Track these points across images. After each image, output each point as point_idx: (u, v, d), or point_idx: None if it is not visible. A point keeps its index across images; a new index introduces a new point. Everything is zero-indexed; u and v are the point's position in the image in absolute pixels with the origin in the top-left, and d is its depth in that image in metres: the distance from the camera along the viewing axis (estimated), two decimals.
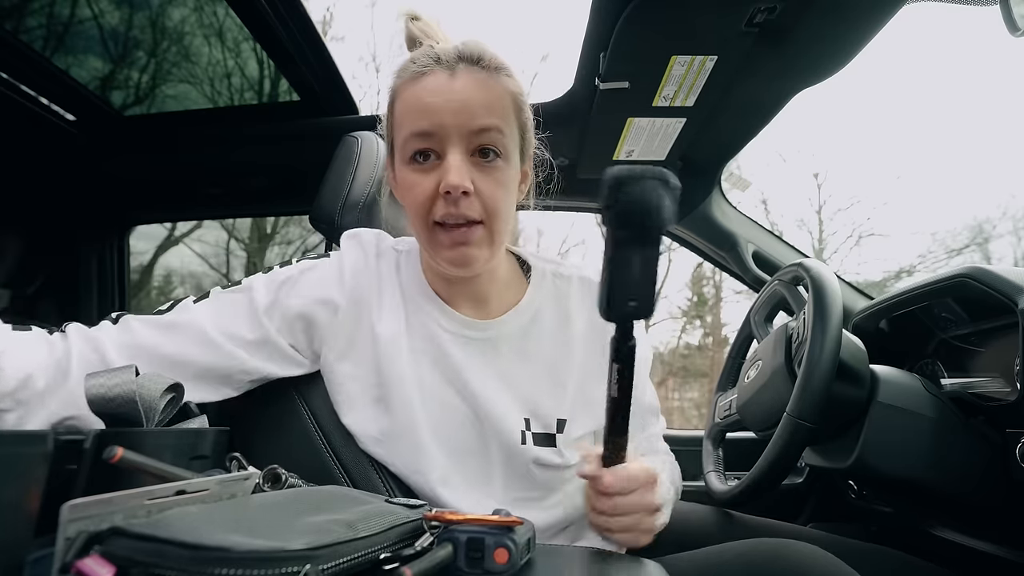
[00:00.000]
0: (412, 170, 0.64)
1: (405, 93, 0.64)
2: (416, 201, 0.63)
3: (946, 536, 0.86)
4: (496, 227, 0.64)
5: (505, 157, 0.64)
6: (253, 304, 0.67)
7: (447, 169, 0.61)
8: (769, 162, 6.33)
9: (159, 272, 4.51)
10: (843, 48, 0.87)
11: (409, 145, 0.63)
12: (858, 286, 1.25)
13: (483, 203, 0.63)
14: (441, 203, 0.62)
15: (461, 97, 0.61)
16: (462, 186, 0.60)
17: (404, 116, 0.64)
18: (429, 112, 0.61)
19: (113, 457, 0.36)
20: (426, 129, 0.61)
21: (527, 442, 0.69)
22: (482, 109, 0.62)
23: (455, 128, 0.61)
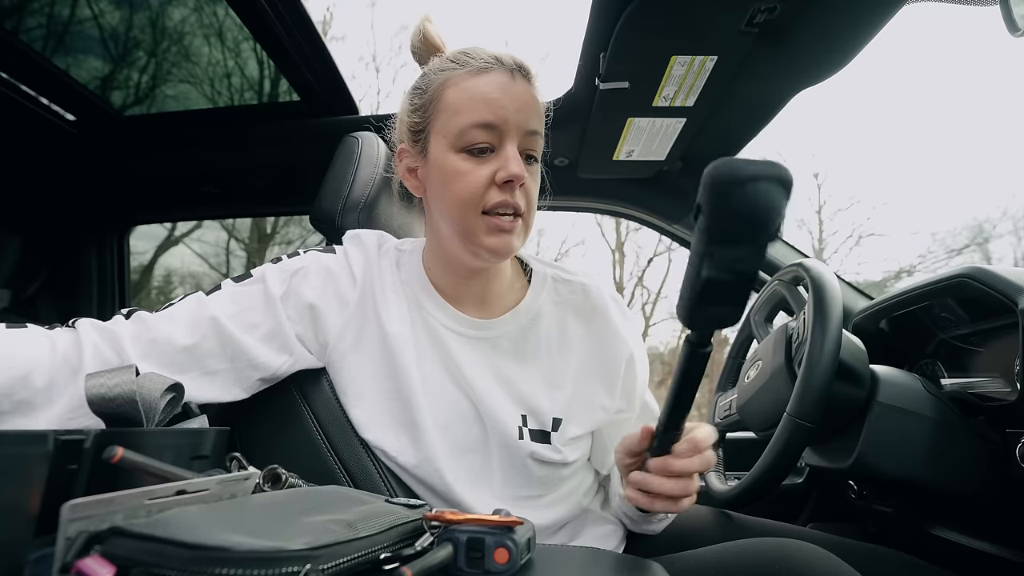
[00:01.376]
0: (464, 159, 0.65)
1: (464, 84, 0.66)
2: (468, 188, 0.65)
3: (946, 536, 0.85)
4: (530, 222, 0.69)
5: (538, 163, 0.69)
6: (268, 293, 0.67)
7: (508, 159, 0.64)
8: None
9: (159, 272, 4.51)
10: (843, 48, 0.87)
11: (468, 135, 0.64)
12: (858, 286, 1.25)
13: (527, 197, 0.67)
14: (495, 192, 0.64)
15: (523, 98, 0.65)
16: (523, 175, 0.64)
17: (465, 106, 0.65)
18: (495, 106, 0.64)
19: (113, 457, 0.36)
20: (491, 121, 0.64)
21: (524, 437, 0.69)
22: (535, 114, 0.67)
23: (515, 125, 0.65)
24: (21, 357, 0.54)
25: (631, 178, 1.28)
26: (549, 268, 0.78)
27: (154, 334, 0.62)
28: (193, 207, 1.58)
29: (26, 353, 0.55)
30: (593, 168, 1.24)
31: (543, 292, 0.76)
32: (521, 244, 0.69)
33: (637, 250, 7.52)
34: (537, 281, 0.76)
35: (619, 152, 1.15)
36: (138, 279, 4.20)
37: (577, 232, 7.68)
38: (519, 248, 0.69)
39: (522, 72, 0.67)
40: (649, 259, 7.22)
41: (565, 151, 1.23)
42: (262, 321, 0.67)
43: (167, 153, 1.34)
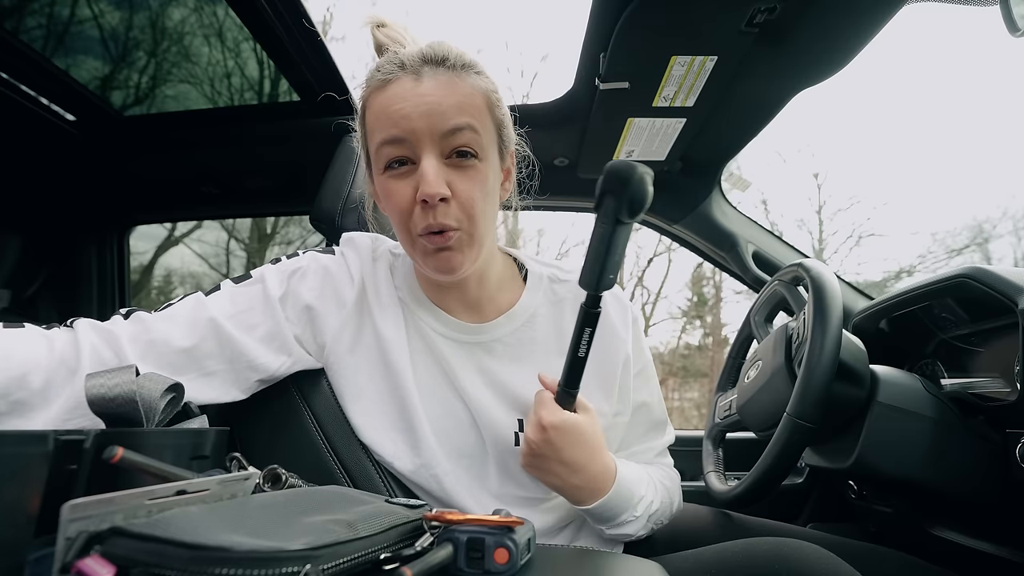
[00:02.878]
0: (388, 178, 0.63)
1: (373, 103, 0.63)
2: (397, 210, 0.63)
3: (946, 536, 0.85)
4: (476, 230, 0.63)
5: (482, 157, 0.62)
6: (267, 294, 0.67)
7: (422, 176, 0.59)
8: (769, 162, 6.34)
9: (159, 272, 4.51)
10: (843, 48, 0.87)
11: (382, 153, 0.62)
12: (858, 286, 1.25)
13: (461, 206, 0.61)
14: (419, 212, 0.61)
15: (429, 100, 0.60)
16: (439, 194, 0.59)
17: (374, 125, 0.63)
18: (397, 118, 0.60)
19: (113, 457, 0.36)
20: (397, 136, 0.60)
21: (521, 443, 0.69)
22: (452, 109, 0.60)
23: (426, 132, 0.60)
24: (18, 357, 0.53)
25: None
26: (545, 268, 0.77)
27: (152, 335, 0.61)
28: (193, 207, 1.59)
29: (23, 353, 0.54)
30: (593, 168, 1.24)
31: (539, 293, 0.75)
32: (472, 257, 0.64)
33: (637, 250, 7.52)
34: (533, 281, 0.75)
35: (619, 152, 1.15)
36: (138, 279, 4.20)
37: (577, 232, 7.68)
38: (469, 262, 0.64)
39: (433, 63, 0.61)
40: (649, 259, 7.22)
41: (565, 151, 1.23)
42: (261, 322, 0.66)
43: (167, 153, 1.34)
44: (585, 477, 0.62)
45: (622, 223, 0.53)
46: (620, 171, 0.51)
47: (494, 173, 0.65)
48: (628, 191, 0.50)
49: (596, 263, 0.54)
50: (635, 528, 0.68)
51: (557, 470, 0.62)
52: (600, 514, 0.65)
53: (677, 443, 0.85)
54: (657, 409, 0.79)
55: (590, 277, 0.55)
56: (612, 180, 0.51)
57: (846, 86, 6.00)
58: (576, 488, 0.63)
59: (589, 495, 0.63)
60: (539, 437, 0.60)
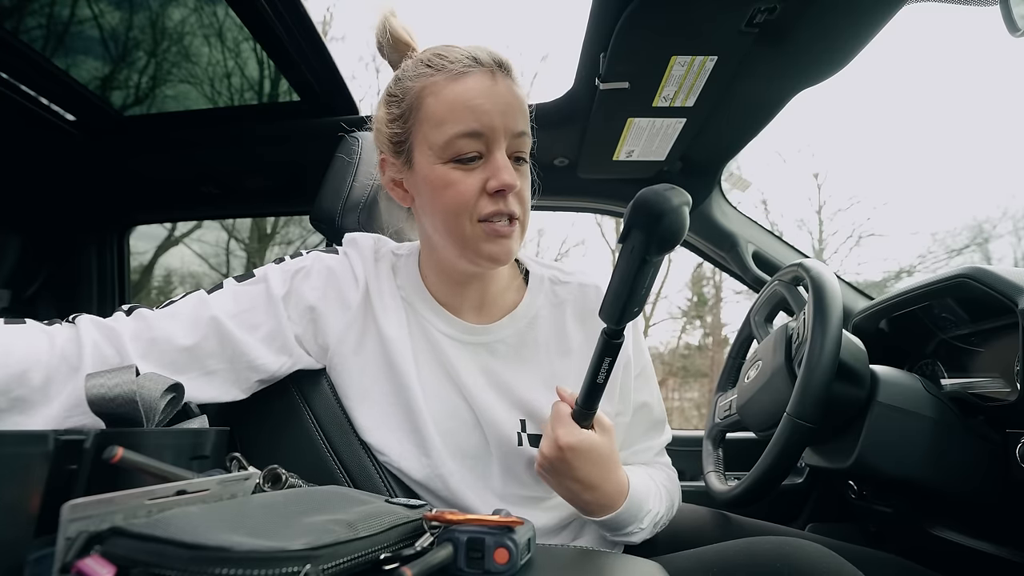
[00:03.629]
0: (453, 168, 0.63)
1: (444, 91, 0.63)
2: (460, 200, 0.63)
3: (946, 536, 0.85)
4: (526, 224, 0.68)
5: (527, 162, 0.67)
6: (270, 293, 0.67)
7: (499, 167, 0.62)
8: (769, 162, 6.34)
9: (159, 272, 4.51)
10: (843, 48, 0.87)
11: (455, 145, 0.62)
12: (858, 286, 1.25)
13: (520, 201, 0.65)
14: (487, 201, 0.63)
15: (506, 100, 0.63)
16: (515, 184, 0.62)
17: (446, 115, 0.62)
18: (479, 112, 0.61)
19: (113, 457, 0.36)
20: (477, 129, 0.62)
21: (524, 443, 0.69)
22: (520, 114, 0.64)
23: (503, 129, 0.62)
24: (18, 354, 0.53)
25: (631, 178, 1.28)
26: (546, 269, 0.77)
27: (155, 332, 0.61)
28: (193, 207, 1.58)
29: (24, 350, 0.54)
30: (593, 168, 1.24)
31: (540, 294, 0.75)
32: (519, 248, 0.68)
33: None
34: (534, 283, 0.76)
35: (619, 152, 1.15)
36: (138, 279, 4.20)
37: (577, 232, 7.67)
38: (517, 252, 0.68)
39: (502, 69, 0.64)
40: None
41: (565, 151, 1.23)
42: (263, 322, 0.66)
43: (167, 153, 1.34)
44: (598, 495, 0.63)
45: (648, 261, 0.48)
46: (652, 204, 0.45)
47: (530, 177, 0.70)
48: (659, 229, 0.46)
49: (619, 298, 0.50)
50: (639, 537, 0.69)
51: (570, 486, 0.62)
52: (607, 524, 0.65)
53: (677, 443, 0.85)
54: (657, 409, 0.79)
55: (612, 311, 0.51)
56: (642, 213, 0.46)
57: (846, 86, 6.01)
58: (587, 503, 0.63)
59: (599, 509, 0.64)
60: (555, 455, 0.60)
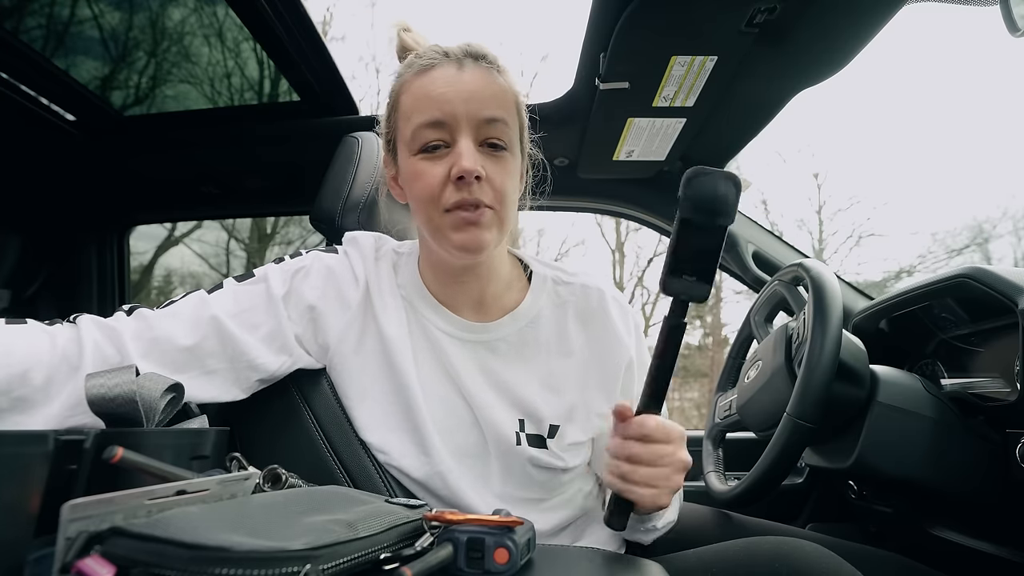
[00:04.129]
0: (420, 159, 0.64)
1: (412, 86, 0.65)
2: (426, 189, 0.63)
3: (946, 536, 0.85)
4: (505, 213, 0.65)
5: (510, 150, 0.66)
6: (270, 293, 0.67)
7: (460, 154, 0.62)
8: (769, 162, 6.34)
9: (159, 272, 4.51)
10: (843, 48, 0.87)
11: (420, 136, 0.63)
12: (858, 286, 1.25)
13: (493, 188, 0.64)
14: (452, 189, 0.62)
15: (471, 88, 0.63)
16: (475, 170, 0.61)
17: (413, 108, 0.64)
18: (440, 102, 0.62)
19: (113, 457, 0.36)
20: (437, 118, 0.62)
21: (522, 443, 0.69)
22: (490, 100, 0.63)
23: (465, 116, 0.62)
24: (19, 353, 0.53)
25: (631, 178, 1.28)
26: (549, 270, 0.77)
27: (155, 332, 0.61)
28: (193, 207, 1.58)
29: (24, 349, 0.54)
30: (593, 168, 1.24)
31: (543, 294, 0.75)
32: (496, 238, 0.66)
33: (637, 250, 7.52)
34: (537, 283, 0.75)
35: (619, 152, 1.15)
36: (138, 279, 4.20)
37: (577, 232, 7.69)
38: (494, 242, 0.66)
39: (474, 58, 0.65)
40: (649, 259, 7.22)
41: (565, 151, 1.23)
42: (263, 321, 0.66)
43: (167, 153, 1.34)
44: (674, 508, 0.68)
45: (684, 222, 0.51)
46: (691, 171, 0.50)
47: (517, 168, 0.68)
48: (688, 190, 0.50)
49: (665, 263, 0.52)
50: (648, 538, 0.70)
51: (676, 483, 0.60)
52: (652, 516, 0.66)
53: None
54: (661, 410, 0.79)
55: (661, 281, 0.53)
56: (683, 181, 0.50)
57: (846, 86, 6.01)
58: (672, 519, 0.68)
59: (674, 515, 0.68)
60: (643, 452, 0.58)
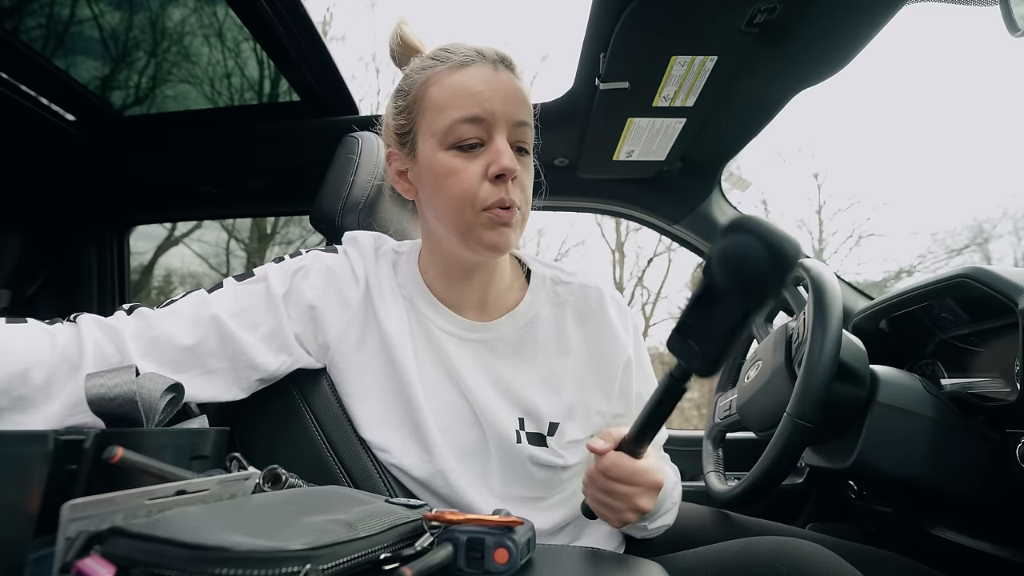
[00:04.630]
0: (454, 156, 0.64)
1: (447, 80, 0.65)
2: (461, 186, 0.63)
3: (946, 536, 0.85)
4: (527, 213, 0.68)
5: (531, 154, 0.68)
6: (270, 292, 0.67)
7: (500, 152, 0.62)
8: (769, 162, 6.34)
9: (159, 272, 4.51)
10: (843, 48, 0.87)
11: (456, 130, 0.63)
12: (858, 286, 1.25)
13: (522, 189, 0.66)
14: (488, 187, 0.63)
15: (507, 89, 0.64)
16: (516, 169, 0.63)
17: (449, 102, 0.64)
18: (480, 99, 0.63)
19: (113, 457, 0.36)
20: (478, 115, 0.63)
21: (522, 441, 0.69)
22: (522, 105, 0.65)
23: (503, 117, 0.63)
24: (19, 352, 0.53)
25: (631, 178, 1.28)
26: (548, 269, 0.77)
27: (156, 331, 0.61)
28: (193, 207, 1.58)
29: (25, 348, 0.54)
30: (593, 168, 1.24)
31: (542, 294, 0.75)
32: (519, 238, 0.68)
33: (637, 250, 7.52)
34: (536, 282, 0.76)
35: (619, 152, 1.15)
36: (138, 279, 4.20)
37: (577, 232, 7.69)
38: (517, 242, 0.68)
39: (505, 63, 0.66)
40: (649, 259, 7.22)
41: (565, 151, 1.23)
42: (263, 320, 0.66)
43: (167, 153, 1.34)
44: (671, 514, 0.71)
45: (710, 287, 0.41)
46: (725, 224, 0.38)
47: (533, 171, 0.70)
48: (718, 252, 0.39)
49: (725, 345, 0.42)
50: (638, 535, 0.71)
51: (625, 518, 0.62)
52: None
53: (677, 443, 0.85)
54: None
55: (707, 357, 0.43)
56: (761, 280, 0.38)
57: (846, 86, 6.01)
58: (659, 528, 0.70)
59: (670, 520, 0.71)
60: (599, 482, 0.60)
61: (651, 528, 0.69)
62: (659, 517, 0.68)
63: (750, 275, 0.38)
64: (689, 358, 0.45)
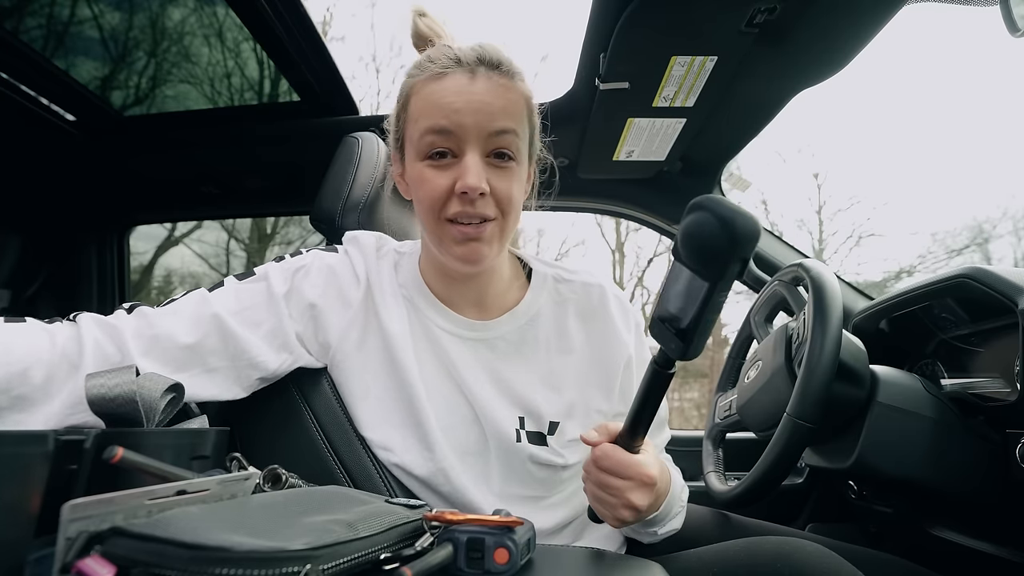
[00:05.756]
0: (427, 166, 0.64)
1: (424, 90, 0.64)
2: (430, 197, 0.64)
3: (946, 536, 0.85)
4: (507, 224, 0.66)
5: (518, 160, 0.65)
6: (271, 291, 0.67)
7: (465, 169, 0.62)
8: (769, 162, 6.34)
9: (159, 272, 4.51)
10: (843, 48, 0.87)
11: (426, 141, 0.63)
12: (858, 286, 1.25)
13: (497, 201, 0.64)
14: (455, 201, 0.63)
15: (481, 99, 0.62)
16: (479, 188, 0.61)
17: (422, 112, 0.64)
18: (449, 111, 0.62)
19: (113, 457, 0.36)
20: (446, 127, 0.62)
21: (522, 440, 0.69)
22: (500, 112, 0.63)
23: (474, 129, 0.62)
24: (19, 352, 0.53)
25: (631, 178, 1.28)
26: (550, 268, 0.77)
27: (156, 330, 0.61)
28: (193, 207, 1.58)
29: (24, 348, 0.54)
30: (593, 168, 1.24)
31: (543, 292, 0.75)
32: (496, 251, 0.66)
33: (637, 250, 7.52)
34: (537, 281, 0.76)
35: (619, 152, 1.15)
36: (138, 279, 4.20)
37: (577, 232, 7.69)
38: (493, 255, 0.66)
39: (487, 65, 0.64)
40: (649, 259, 7.22)
41: (565, 151, 1.22)
42: (265, 319, 0.66)
43: (167, 153, 1.34)
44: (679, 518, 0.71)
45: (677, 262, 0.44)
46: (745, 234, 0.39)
47: (524, 174, 0.68)
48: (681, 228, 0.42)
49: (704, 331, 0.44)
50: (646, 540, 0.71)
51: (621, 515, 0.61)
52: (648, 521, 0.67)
53: (677, 443, 0.85)
54: (661, 408, 0.79)
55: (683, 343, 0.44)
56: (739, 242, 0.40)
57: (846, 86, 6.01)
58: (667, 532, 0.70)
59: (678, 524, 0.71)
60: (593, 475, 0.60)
61: (660, 533, 0.69)
62: (668, 521, 0.68)
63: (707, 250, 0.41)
64: (667, 341, 0.46)
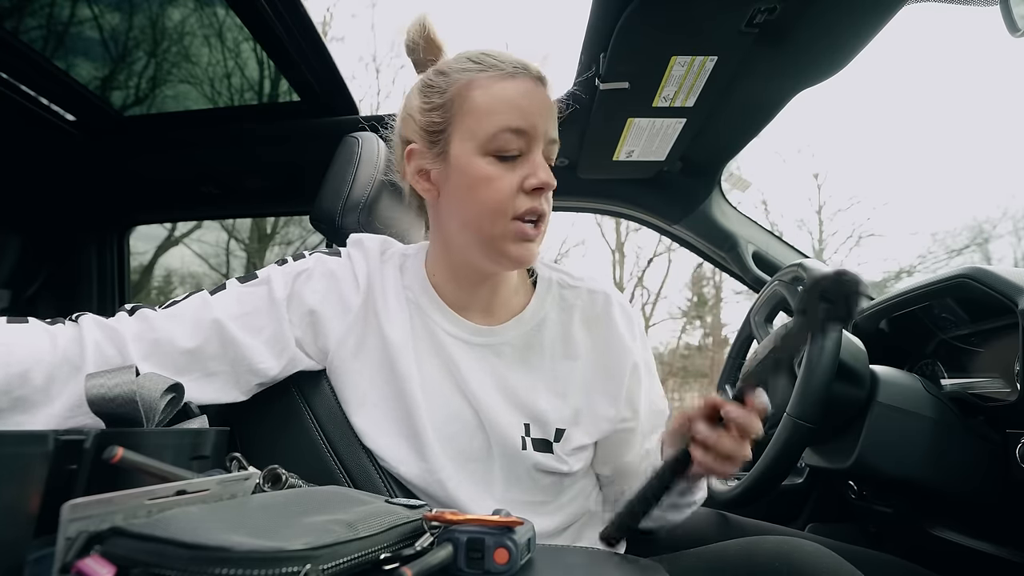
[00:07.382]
0: (492, 163, 0.64)
1: (494, 87, 0.65)
2: (498, 194, 0.64)
3: (946, 536, 0.85)
4: (547, 228, 0.69)
5: None
6: (272, 295, 0.67)
7: (537, 166, 0.64)
8: (769, 162, 6.34)
9: (159, 272, 4.51)
10: (843, 48, 0.87)
11: (500, 138, 0.64)
12: None
13: (548, 203, 0.68)
14: (524, 199, 0.64)
15: (547, 106, 0.67)
16: (552, 183, 0.65)
17: (494, 108, 0.64)
18: (527, 112, 0.64)
19: (113, 457, 0.36)
20: (523, 128, 0.64)
21: (527, 447, 0.68)
22: (554, 124, 0.68)
23: (542, 133, 0.65)
24: (20, 353, 0.53)
25: (631, 178, 1.28)
26: (555, 273, 0.77)
27: (157, 334, 0.61)
28: (193, 207, 1.58)
29: (25, 349, 0.54)
30: (593, 168, 1.24)
31: (548, 298, 0.75)
32: (540, 251, 0.69)
33: (637, 250, 7.54)
34: (542, 286, 0.75)
35: (619, 152, 1.15)
36: (138, 279, 4.20)
37: (577, 232, 7.71)
38: (538, 256, 0.69)
39: (543, 82, 0.68)
40: (649, 259, 7.23)
41: (565, 151, 1.22)
42: (265, 324, 0.66)
43: (167, 153, 1.34)
44: None
45: None
46: None
47: None
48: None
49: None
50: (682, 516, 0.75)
51: None
52: None
53: None
54: (662, 404, 0.79)
55: None
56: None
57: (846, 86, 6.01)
58: None
59: None
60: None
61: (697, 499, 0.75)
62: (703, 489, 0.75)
63: None
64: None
